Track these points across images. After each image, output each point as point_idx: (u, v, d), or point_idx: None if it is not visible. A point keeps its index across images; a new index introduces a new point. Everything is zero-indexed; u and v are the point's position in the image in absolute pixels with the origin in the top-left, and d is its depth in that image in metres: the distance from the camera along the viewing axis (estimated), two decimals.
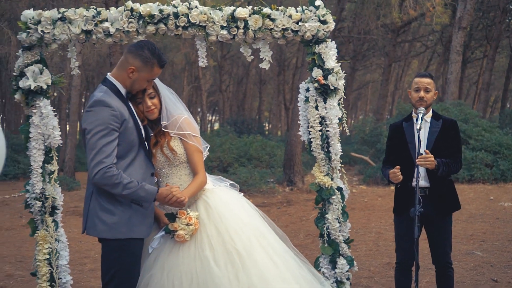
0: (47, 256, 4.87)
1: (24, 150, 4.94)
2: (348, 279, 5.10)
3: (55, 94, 28.71)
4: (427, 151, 4.87)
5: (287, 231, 8.74)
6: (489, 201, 12.09)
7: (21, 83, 4.79)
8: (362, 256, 8.07)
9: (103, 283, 4.00)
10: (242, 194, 4.58)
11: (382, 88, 30.29)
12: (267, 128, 54.19)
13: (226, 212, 4.12)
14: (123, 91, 3.97)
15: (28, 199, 4.93)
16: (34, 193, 4.87)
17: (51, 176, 4.93)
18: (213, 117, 68.39)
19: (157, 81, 4.22)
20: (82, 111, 46.08)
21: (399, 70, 41.87)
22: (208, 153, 4.43)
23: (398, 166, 4.92)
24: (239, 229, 4.05)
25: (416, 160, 4.77)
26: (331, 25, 5.03)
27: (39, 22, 4.73)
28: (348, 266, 5.09)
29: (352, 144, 24.94)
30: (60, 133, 4.87)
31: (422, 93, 4.98)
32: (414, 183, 4.80)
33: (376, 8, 15.61)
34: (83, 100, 40.25)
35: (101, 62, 33.64)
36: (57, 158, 4.99)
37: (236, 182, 12.75)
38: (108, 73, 4.11)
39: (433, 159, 4.84)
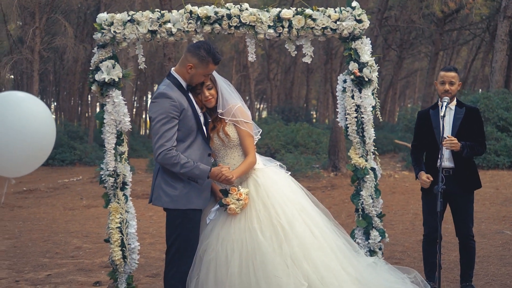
0: (119, 225, 5.66)
1: (81, 137, 5.73)
2: (380, 249, 5.75)
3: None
4: (450, 135, 5.47)
5: (330, 212, 9.43)
6: None
7: (97, 76, 5.57)
8: (398, 233, 8.70)
9: (167, 246, 4.72)
10: (289, 173, 5.22)
11: (429, 76, 30.45)
12: (314, 116, 54.55)
13: (272, 189, 4.79)
14: (183, 84, 4.70)
15: (102, 176, 5.71)
16: (108, 170, 5.65)
17: (122, 156, 5.71)
18: (261, 105, 69.00)
19: (215, 74, 4.92)
20: (134, 98, 47.42)
21: (447, 58, 41.68)
22: (259, 137, 5.11)
23: (430, 177, 5.53)
24: (284, 204, 4.72)
25: (442, 143, 5.37)
26: (366, 24, 5.65)
27: (111, 23, 5.50)
28: (380, 238, 5.74)
29: (396, 131, 25.32)
30: (129, 119, 5.65)
31: (447, 86, 5.58)
32: (438, 164, 5.40)
33: (420, 0, 16.00)
34: (134, 89, 41.47)
35: (152, 52, 34.65)
36: (127, 141, 5.76)
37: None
38: (172, 68, 4.85)
39: (457, 141, 5.44)
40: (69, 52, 27.98)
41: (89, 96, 41.29)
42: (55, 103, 50.64)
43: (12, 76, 38.75)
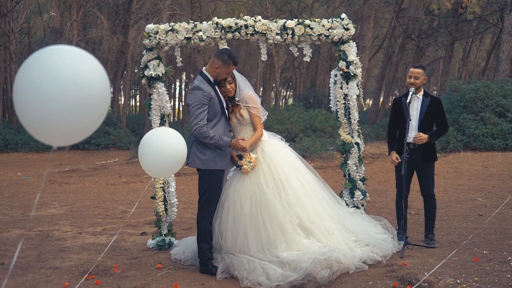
0: (162, 185, 7.45)
1: (114, 123, 7.48)
2: (362, 205, 7.47)
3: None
4: (417, 133, 7.14)
5: (338, 186, 11.20)
6: None
7: (146, 72, 7.35)
8: (389, 201, 10.40)
9: (199, 196, 6.45)
10: (288, 144, 6.97)
11: (445, 65, 31.81)
12: None
13: (274, 155, 6.52)
14: (211, 79, 6.45)
15: None
16: None
17: None
18: (288, 93, 70.53)
19: (234, 71, 6.65)
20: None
21: (466, 46, 42.69)
22: (266, 117, 6.82)
23: (398, 158, 7.25)
24: (283, 165, 6.46)
25: (413, 139, 7.09)
26: (352, 31, 7.34)
27: (157, 32, 7.27)
28: (362, 196, 7.46)
29: None
30: (170, 105, 7.42)
31: (412, 80, 7.25)
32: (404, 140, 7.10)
33: None
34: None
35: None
36: (171, 121, 7.53)
37: (300, 149, 15.51)
38: (203, 68, 6.59)
39: (424, 136, 7.11)
40: (105, 43, 29.92)
41: (121, 84, 43.13)
42: None
43: None
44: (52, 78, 3.26)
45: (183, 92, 53.48)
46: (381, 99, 40.99)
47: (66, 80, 3.28)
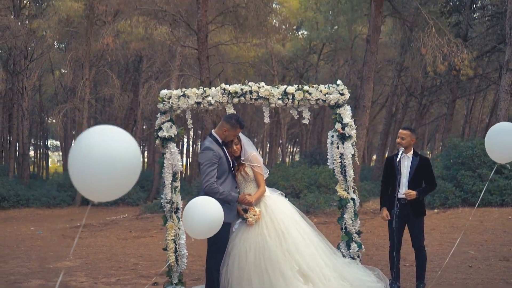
0: (173, 238, 8.08)
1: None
2: (358, 256, 8.06)
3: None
4: (407, 190, 7.79)
5: (339, 240, 11.75)
6: (508, 219, 14.58)
7: (160, 134, 8.07)
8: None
9: (208, 245, 7.07)
10: (287, 198, 7.63)
11: (447, 123, 32.55)
12: None
13: (276, 209, 7.19)
14: (220, 140, 7.16)
15: (162, 203, 8.15)
16: (166, 199, 8.10)
17: (176, 189, 8.15)
18: (295, 149, 71.33)
19: (240, 134, 7.36)
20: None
21: (469, 103, 43.47)
22: (267, 175, 7.50)
23: (388, 215, 7.89)
24: (283, 218, 7.11)
25: (404, 194, 7.74)
26: (347, 96, 8.07)
27: (170, 97, 8.03)
28: (358, 248, 8.06)
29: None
30: (182, 163, 8.12)
31: (399, 140, 7.95)
32: (395, 195, 7.75)
33: (422, 59, 18.39)
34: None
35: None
36: (180, 178, 8.21)
37: (304, 205, 16.18)
38: (213, 130, 7.31)
39: (414, 193, 7.75)
40: (116, 101, 30.95)
41: None
42: None
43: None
44: (98, 151, 4.21)
45: (191, 149, 54.38)
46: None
47: (108, 153, 4.23)
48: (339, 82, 8.12)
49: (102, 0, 26.51)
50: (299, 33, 42.43)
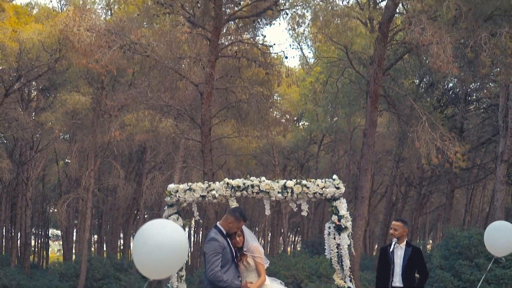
0: None
1: (125, 269, 8.76)
2: None
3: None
4: None
5: None
6: None
7: None
8: None
9: None
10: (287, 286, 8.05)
11: (446, 212, 32.89)
12: None
13: None
14: (224, 232, 7.67)
15: None
16: (173, 287, 8.50)
17: (181, 278, 8.57)
18: (296, 238, 71.10)
19: (243, 226, 7.88)
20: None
21: (468, 193, 43.77)
22: (268, 264, 7.95)
23: None
24: None
25: None
26: (342, 189, 8.61)
27: (177, 191, 8.58)
28: None
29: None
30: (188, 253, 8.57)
31: (392, 231, 8.45)
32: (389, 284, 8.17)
33: (417, 152, 19.08)
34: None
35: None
36: (185, 268, 8.64)
37: None
38: (218, 222, 7.84)
39: None
40: (120, 191, 31.46)
41: (132, 230, 44.12)
42: (96, 236, 53.34)
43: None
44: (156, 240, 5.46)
45: (192, 238, 54.41)
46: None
47: (164, 243, 5.51)
48: (335, 176, 8.69)
49: (109, 94, 27.55)
50: (300, 124, 43.44)
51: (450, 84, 30.93)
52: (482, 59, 16.23)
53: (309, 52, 37.62)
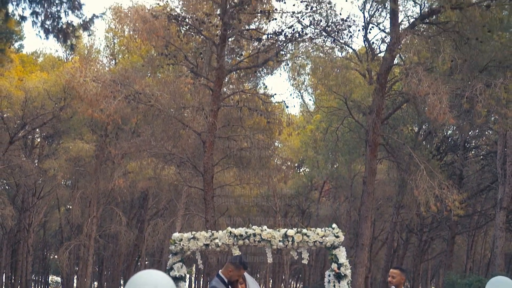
0: None
1: None
2: None
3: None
4: None
5: None
6: None
7: (171, 273, 8.84)
8: None
9: None
10: None
11: (447, 259, 32.93)
12: None
13: None
14: (226, 280, 7.93)
15: None
16: None
17: None
18: (298, 285, 70.65)
19: (245, 273, 8.13)
20: None
21: (469, 239, 43.73)
22: None
23: None
24: None
25: None
26: (342, 238, 8.91)
27: (181, 239, 8.87)
28: None
29: None
30: None
31: (390, 278, 8.68)
32: None
33: (416, 199, 19.35)
34: None
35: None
36: None
37: None
38: (219, 271, 8.09)
39: None
40: (121, 238, 31.60)
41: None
42: (96, 283, 53.08)
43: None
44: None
45: (193, 285, 54.22)
46: None
47: None
48: (334, 225, 8.99)
49: (112, 141, 27.98)
50: (301, 170, 43.76)
51: (449, 131, 31.35)
52: (478, 110, 16.63)
53: (310, 100, 38.17)
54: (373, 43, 21.51)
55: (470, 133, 30.34)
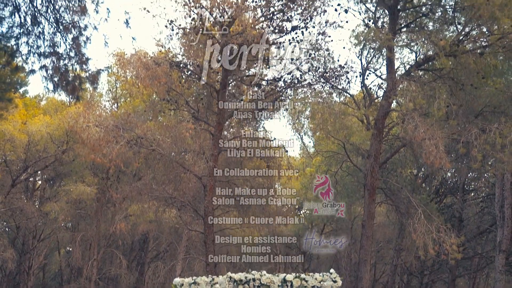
0: None
1: None
2: None
3: None
4: None
5: None
6: None
7: None
8: None
9: None
10: None
11: None
12: None
13: None
14: None
15: None
16: None
17: None
18: None
19: None
20: None
21: (470, 281, 43.52)
22: None
23: None
24: None
25: None
26: (339, 283, 9.12)
27: (182, 285, 9.08)
28: None
29: None
30: None
31: None
32: None
33: (414, 243, 19.57)
34: None
35: None
36: None
37: None
38: None
39: None
40: (122, 281, 31.56)
41: None
42: None
43: None
44: None
45: None
46: None
47: None
48: (332, 270, 9.23)
49: (113, 184, 28.22)
50: (301, 212, 43.78)
51: (448, 174, 31.56)
52: (474, 154, 16.94)
53: (310, 142, 38.52)
54: (370, 88, 21.97)
55: (469, 175, 30.55)
